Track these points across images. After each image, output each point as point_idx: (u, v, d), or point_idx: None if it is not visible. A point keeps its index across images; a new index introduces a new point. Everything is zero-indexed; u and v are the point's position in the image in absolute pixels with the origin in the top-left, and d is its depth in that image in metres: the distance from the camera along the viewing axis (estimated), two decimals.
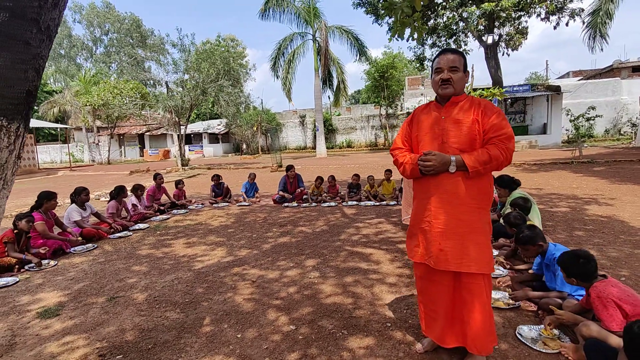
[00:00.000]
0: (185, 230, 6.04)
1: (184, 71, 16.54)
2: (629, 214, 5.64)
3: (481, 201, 2.10)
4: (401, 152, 2.33)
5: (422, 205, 2.20)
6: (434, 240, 2.11)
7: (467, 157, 2.00)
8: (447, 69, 2.11)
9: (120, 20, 54.34)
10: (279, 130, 31.75)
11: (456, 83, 2.11)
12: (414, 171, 2.18)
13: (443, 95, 2.16)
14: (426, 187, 2.17)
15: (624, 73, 22.35)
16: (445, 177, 2.07)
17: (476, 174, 2.02)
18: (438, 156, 2.04)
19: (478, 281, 2.08)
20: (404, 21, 5.38)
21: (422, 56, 20.76)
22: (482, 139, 2.06)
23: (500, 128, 2.03)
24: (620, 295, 2.20)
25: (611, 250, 4.13)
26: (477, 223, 2.07)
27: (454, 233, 2.06)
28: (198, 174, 15.48)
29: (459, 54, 2.17)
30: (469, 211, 2.06)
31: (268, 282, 3.74)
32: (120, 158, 30.84)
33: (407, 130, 2.35)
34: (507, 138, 2.02)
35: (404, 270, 3.87)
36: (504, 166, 2.06)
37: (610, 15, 14.73)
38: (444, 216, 2.08)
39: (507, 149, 2.01)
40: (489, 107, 2.09)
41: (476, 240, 2.06)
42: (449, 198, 2.07)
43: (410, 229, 2.32)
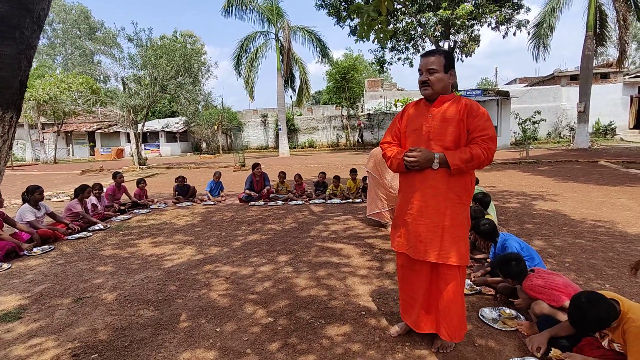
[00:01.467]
0: (150, 229, 5.87)
1: (140, 67, 15.87)
2: (570, 208, 6.23)
3: (462, 196, 2.22)
4: (390, 146, 2.43)
5: (406, 199, 2.32)
6: (415, 231, 2.25)
7: (450, 155, 2.12)
8: (425, 71, 2.22)
9: (67, 10, 50.91)
10: (241, 129, 31.29)
11: (434, 84, 2.21)
12: (399, 165, 2.29)
13: (424, 96, 2.29)
14: (411, 182, 2.28)
15: (563, 81, 24.34)
16: (430, 172, 2.19)
17: (458, 172, 2.14)
18: (423, 153, 2.15)
19: (454, 272, 2.23)
20: (370, 24, 5.60)
21: (382, 59, 21.39)
22: (467, 138, 2.18)
23: (484, 129, 2.14)
24: (544, 284, 2.54)
25: (556, 241, 4.56)
26: (459, 217, 2.21)
27: (435, 226, 2.19)
28: (157, 174, 14.93)
29: (440, 54, 2.24)
30: (452, 205, 2.19)
31: (242, 278, 3.77)
32: (68, 157, 28.93)
33: (397, 125, 2.45)
34: (490, 138, 2.14)
35: (374, 263, 4.05)
36: (485, 165, 2.19)
37: (552, 27, 16.05)
38: (427, 210, 2.21)
39: (488, 149, 2.11)
40: (475, 108, 2.19)
41: (456, 233, 2.19)
42: (433, 193, 2.19)
43: (395, 220, 2.45)
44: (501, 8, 17.63)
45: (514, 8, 18.10)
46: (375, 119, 28.21)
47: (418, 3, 17.75)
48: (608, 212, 5.88)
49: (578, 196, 7.15)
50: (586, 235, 4.75)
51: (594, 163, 12.23)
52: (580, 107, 16.26)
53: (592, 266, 3.71)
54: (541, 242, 4.51)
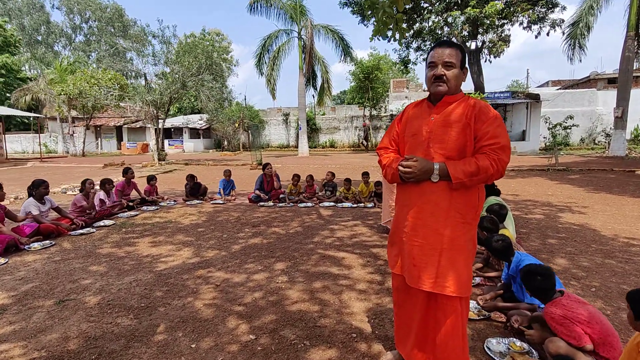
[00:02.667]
0: (153, 228, 5.77)
1: (164, 63, 16.06)
2: (601, 222, 5.69)
3: (467, 215, 1.88)
4: (386, 152, 2.13)
5: (402, 214, 2.02)
6: (409, 253, 1.94)
7: (451, 166, 1.79)
8: (441, 64, 1.87)
9: (102, 8, 52.79)
10: (262, 127, 31.38)
11: (450, 81, 1.87)
12: (394, 176, 1.97)
13: (435, 94, 1.94)
14: (407, 195, 1.97)
15: (599, 84, 22.99)
16: (428, 185, 1.87)
17: (461, 186, 1.81)
18: (420, 162, 1.83)
19: (454, 303, 1.89)
20: (385, 21, 5.27)
21: (407, 59, 20.85)
22: (474, 146, 1.84)
23: (495, 136, 1.79)
24: (564, 314, 2.15)
25: (583, 260, 4.11)
26: (460, 239, 1.87)
27: (432, 248, 1.87)
28: (175, 170, 15.05)
29: (457, 47, 1.91)
30: (453, 225, 1.85)
31: (233, 286, 3.55)
32: (97, 150, 29.86)
33: (396, 129, 2.12)
34: (501, 148, 1.78)
35: (375, 276, 3.75)
36: (494, 179, 1.85)
37: (589, 27, 15.10)
38: (423, 229, 1.89)
39: (499, 160, 1.77)
40: (484, 111, 1.84)
41: (455, 259, 1.85)
42: (432, 209, 1.86)
43: (391, 236, 2.15)
44: (534, 6, 16.77)
45: (548, 6, 17.17)
46: None
47: (445, 1, 17.14)
48: None
49: (610, 209, 6.56)
50: (618, 255, 4.26)
51: (630, 173, 11.35)
52: (618, 112, 15.23)
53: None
54: (565, 261, 4.07)
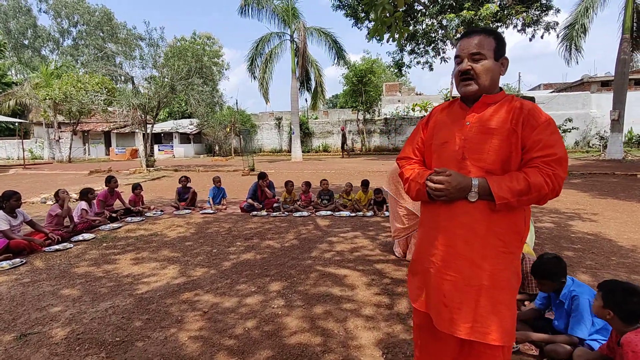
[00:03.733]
0: (137, 242, 5.32)
1: (152, 67, 15.58)
2: (615, 231, 5.38)
3: (510, 243, 1.51)
4: (409, 163, 1.75)
5: (428, 239, 1.64)
6: (439, 289, 1.56)
7: (494, 183, 1.43)
8: (468, 57, 1.53)
9: (91, 12, 52.04)
10: (254, 132, 30.92)
11: (481, 76, 1.52)
12: (419, 193, 1.62)
13: (464, 94, 1.59)
14: (435, 216, 1.60)
15: (593, 87, 23.01)
16: (463, 206, 1.50)
17: (505, 207, 1.45)
18: (453, 178, 1.48)
19: (495, 353, 1.51)
20: (384, 20, 4.93)
21: (401, 62, 20.60)
22: (521, 158, 1.49)
23: (549, 145, 1.43)
24: None
25: (606, 276, 3.76)
26: (503, 274, 1.49)
27: (467, 285, 1.49)
28: (163, 176, 14.53)
29: (489, 33, 1.56)
30: (493, 256, 1.49)
31: (222, 312, 3.13)
32: (84, 156, 29.11)
33: (421, 135, 1.76)
34: (557, 161, 1.42)
35: (383, 298, 3.36)
36: (549, 199, 1.47)
37: (586, 29, 14.99)
38: (457, 260, 1.51)
39: (555, 176, 1.41)
40: (534, 115, 1.48)
41: (498, 298, 1.48)
42: (466, 235, 1.50)
43: (413, 264, 1.76)
44: (528, 9, 16.64)
45: (542, 9, 17.06)
46: (393, 124, 27.38)
47: (439, 3, 16.94)
48: None
49: (621, 216, 6.27)
50: None
51: (632, 177, 11.14)
52: (614, 115, 15.11)
53: None
54: (588, 278, 3.72)
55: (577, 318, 2.25)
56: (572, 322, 2.29)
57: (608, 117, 17.18)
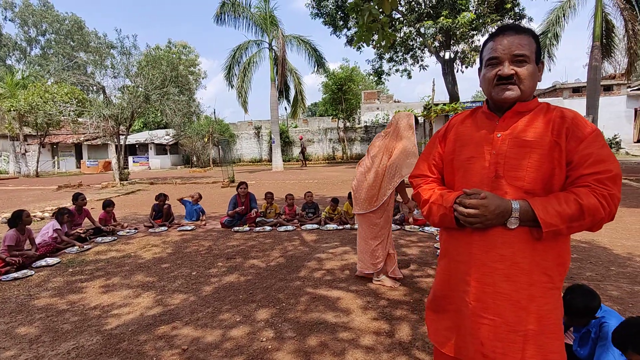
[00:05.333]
0: (107, 266, 4.85)
1: (125, 76, 14.98)
2: (607, 238, 5.30)
3: (556, 277, 1.27)
4: (426, 182, 1.52)
5: (457, 273, 1.37)
6: (474, 334, 1.29)
7: (539, 206, 1.19)
8: (509, 59, 1.28)
9: (60, 20, 50.41)
10: (233, 142, 30.38)
11: (525, 82, 1.29)
12: (445, 218, 1.36)
13: (501, 101, 1.33)
14: (466, 246, 1.33)
15: (565, 93, 23.76)
16: (501, 234, 1.25)
17: (552, 235, 1.21)
18: (490, 201, 1.22)
19: None
20: (370, 26, 4.74)
21: (380, 70, 20.68)
22: (565, 175, 1.26)
23: (601, 160, 1.21)
24: None
25: (610, 288, 3.62)
26: (551, 316, 1.26)
27: (511, 331, 1.24)
28: (138, 190, 13.88)
29: (529, 33, 1.32)
30: (540, 295, 1.24)
31: (204, 349, 2.77)
32: (53, 170, 27.80)
33: (438, 150, 1.52)
34: (612, 179, 1.20)
35: (381, 324, 3.07)
36: (604, 223, 1.24)
37: (558, 37, 15.39)
38: (497, 301, 1.26)
39: (612, 197, 1.18)
40: (579, 125, 1.25)
41: (548, 346, 1.24)
42: (507, 271, 1.25)
43: (438, 301, 1.47)
44: (503, 17, 17.02)
45: (515, 18, 17.51)
46: (373, 131, 27.45)
47: (417, 12, 17.11)
48: None
49: (611, 222, 6.23)
50: None
51: None
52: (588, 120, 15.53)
53: None
54: None
55: (605, 347, 2.03)
56: (599, 351, 2.07)
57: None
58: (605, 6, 15.56)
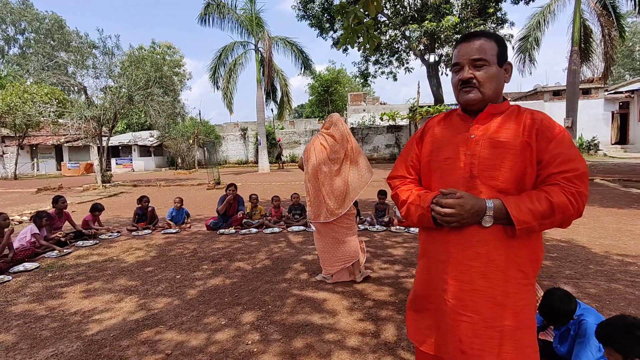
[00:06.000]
0: (89, 270, 4.75)
1: (107, 76, 14.68)
2: (586, 237, 5.45)
3: (530, 273, 1.33)
4: (404, 183, 1.56)
5: (435, 272, 1.41)
6: (453, 332, 1.33)
7: (513, 205, 1.24)
8: (469, 64, 1.36)
9: (40, 19, 49.09)
10: (219, 143, 30.11)
11: (484, 84, 1.35)
12: (423, 218, 1.40)
13: (465, 104, 1.40)
14: (442, 245, 1.38)
15: (546, 96, 24.35)
16: (476, 233, 1.30)
17: (525, 232, 1.26)
18: (466, 200, 1.26)
19: None
20: (355, 28, 4.78)
21: (366, 72, 20.81)
22: (536, 174, 1.31)
23: (569, 160, 1.27)
24: None
25: (588, 286, 3.72)
26: (526, 311, 1.31)
27: (488, 327, 1.28)
28: (121, 192, 13.61)
29: (490, 37, 1.40)
30: (515, 291, 1.29)
31: (188, 353, 2.73)
32: (32, 172, 27.05)
33: (415, 151, 1.56)
34: (579, 177, 1.25)
35: (367, 324, 3.08)
36: (573, 220, 1.29)
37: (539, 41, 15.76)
38: (474, 298, 1.30)
39: (579, 194, 1.24)
40: (548, 126, 1.32)
41: (524, 341, 1.29)
42: (483, 268, 1.29)
43: (418, 301, 1.51)
44: (485, 22, 17.35)
45: (497, 22, 17.87)
46: (359, 133, 27.59)
47: (402, 15, 17.30)
48: (631, 242, 5.12)
49: (589, 222, 6.41)
50: (620, 277, 3.93)
51: (589, 181, 11.67)
52: (568, 122, 15.95)
53: None
54: (570, 288, 3.64)
55: (584, 344, 2.08)
56: (577, 347, 2.13)
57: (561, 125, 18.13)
58: (584, 12, 16.05)
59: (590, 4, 15.75)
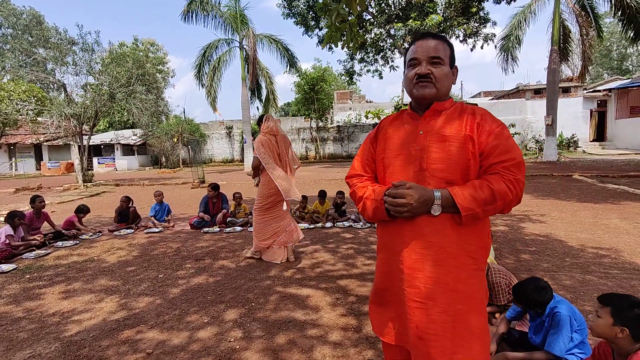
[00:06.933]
0: (68, 271, 4.66)
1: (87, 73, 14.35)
2: (563, 232, 5.60)
3: (480, 259, 1.44)
4: (361, 180, 1.62)
5: (392, 263, 1.48)
6: (410, 319, 1.40)
7: (458, 193, 1.33)
8: (427, 61, 1.45)
9: (17, 14, 47.58)
10: (203, 142, 29.80)
11: (440, 81, 1.45)
12: (377, 211, 1.46)
13: (420, 98, 1.49)
14: (398, 237, 1.45)
15: (527, 94, 24.86)
16: (427, 222, 1.37)
17: (471, 219, 1.35)
18: (415, 190, 1.34)
19: None
20: (339, 27, 4.79)
21: (352, 70, 20.87)
22: (479, 165, 1.40)
23: (507, 150, 1.38)
24: None
25: (564, 278, 3.83)
26: (477, 294, 1.41)
27: (442, 312, 1.36)
28: (103, 192, 13.35)
29: (444, 40, 1.51)
30: (468, 277, 1.39)
31: (170, 352, 2.71)
32: (11, 172, 26.30)
33: (371, 150, 1.64)
34: (516, 165, 1.37)
35: (349, 319, 3.12)
36: (513, 206, 1.40)
37: (520, 40, 16.06)
38: (427, 283, 1.37)
39: (517, 181, 1.35)
40: (488, 119, 1.43)
41: (475, 323, 1.38)
42: (435, 255, 1.37)
43: (380, 294, 1.57)
44: (469, 21, 17.59)
45: (480, 22, 18.13)
46: (345, 131, 27.69)
47: (387, 13, 17.40)
48: (605, 236, 5.28)
49: (566, 216, 6.59)
50: (594, 269, 4.05)
51: (568, 177, 11.99)
52: (548, 120, 16.32)
53: None
54: (547, 280, 3.74)
55: (556, 335, 2.16)
56: (550, 338, 2.20)
57: (542, 122, 18.56)
58: (563, 12, 16.43)
59: (569, 4, 16.14)
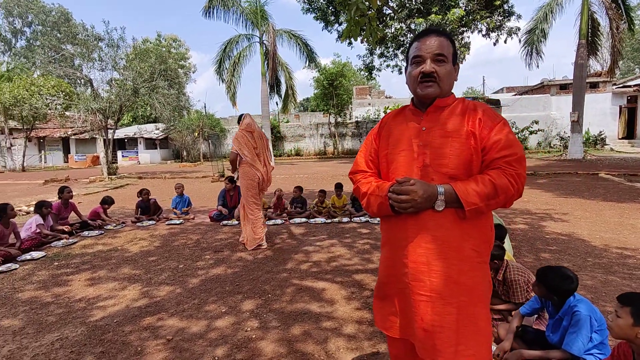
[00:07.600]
0: (94, 259, 4.85)
1: (112, 68, 14.77)
2: (587, 231, 5.45)
3: (483, 252, 1.45)
4: (364, 176, 1.63)
5: (396, 257, 1.50)
6: (415, 312, 1.43)
7: (461, 189, 1.35)
8: (431, 59, 1.44)
9: (46, 11, 49.28)
10: (223, 136, 30.20)
11: (443, 79, 1.46)
12: (382, 207, 1.48)
13: (424, 97, 1.49)
14: (402, 232, 1.47)
15: (552, 90, 24.06)
16: (431, 217, 1.39)
17: (474, 213, 1.37)
18: (419, 186, 1.36)
19: None
20: (358, 21, 4.77)
21: (371, 65, 20.70)
22: (481, 160, 1.42)
23: (508, 145, 1.39)
24: None
25: (585, 278, 3.73)
26: (480, 287, 1.44)
27: (446, 304, 1.38)
28: (127, 184, 13.77)
29: (447, 37, 1.50)
30: (469, 269, 1.40)
31: (189, 339, 2.81)
32: (40, 164, 27.36)
33: (374, 146, 1.65)
34: (518, 160, 1.38)
35: (364, 313, 3.14)
36: (514, 200, 1.42)
37: (545, 34, 15.57)
38: (431, 276, 1.40)
39: (518, 176, 1.36)
40: (490, 115, 1.45)
41: (478, 315, 1.41)
42: (439, 249, 1.39)
43: (382, 287, 1.60)
44: (492, 14, 17.15)
45: (504, 15, 17.65)
46: (364, 126, 27.54)
47: (408, 8, 17.16)
48: (631, 236, 5.11)
49: (590, 215, 6.40)
50: (618, 269, 3.94)
51: (594, 175, 11.60)
52: (574, 117, 15.80)
53: None
54: None
55: (575, 334, 2.12)
56: (568, 337, 2.16)
57: (567, 119, 17.98)
58: (592, 5, 15.81)
59: None
